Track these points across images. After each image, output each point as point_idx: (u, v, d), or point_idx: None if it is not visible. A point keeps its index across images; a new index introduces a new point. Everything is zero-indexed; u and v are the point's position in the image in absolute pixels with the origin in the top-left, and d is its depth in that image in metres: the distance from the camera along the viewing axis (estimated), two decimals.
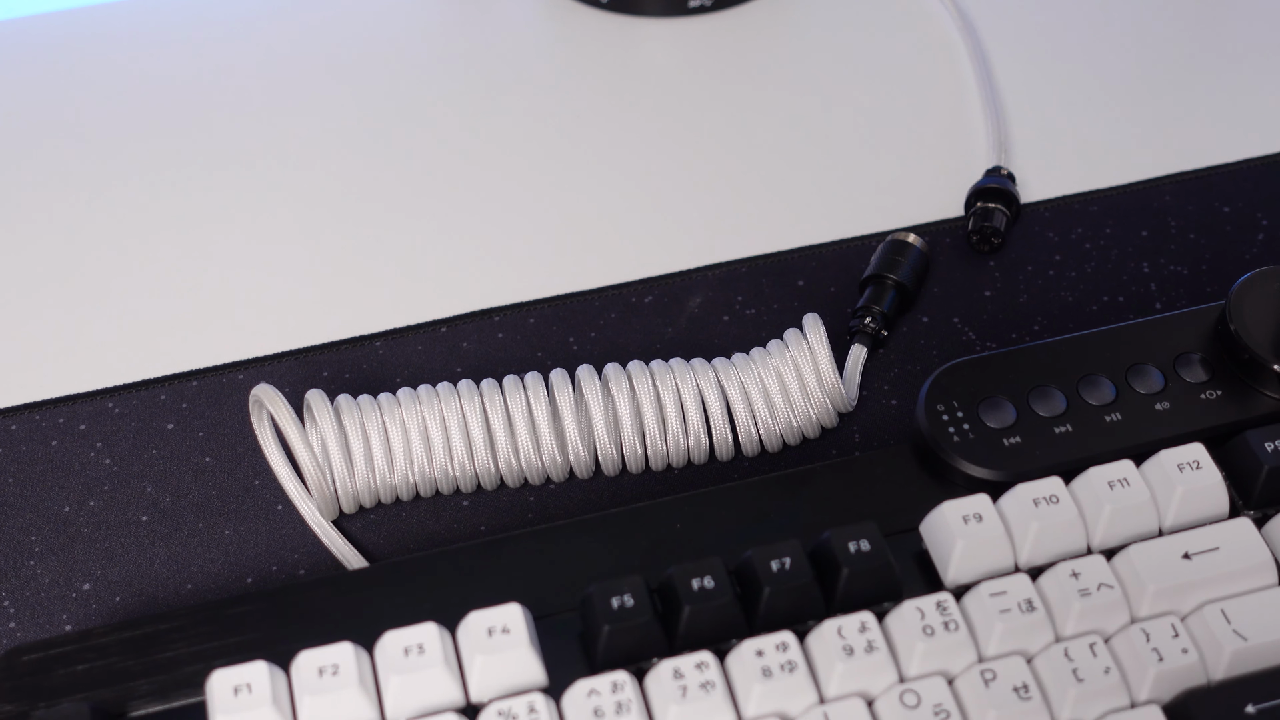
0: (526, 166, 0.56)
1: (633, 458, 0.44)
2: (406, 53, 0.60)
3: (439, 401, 0.44)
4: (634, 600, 0.37)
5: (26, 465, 0.46)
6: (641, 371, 0.44)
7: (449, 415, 0.43)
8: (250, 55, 0.60)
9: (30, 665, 0.38)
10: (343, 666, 0.36)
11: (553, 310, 0.50)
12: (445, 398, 0.44)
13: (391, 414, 0.44)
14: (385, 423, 0.43)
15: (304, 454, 0.42)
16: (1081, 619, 0.37)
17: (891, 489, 0.41)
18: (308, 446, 0.42)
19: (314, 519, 0.43)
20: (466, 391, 0.44)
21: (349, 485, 0.43)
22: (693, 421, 0.44)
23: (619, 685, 0.36)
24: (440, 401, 0.44)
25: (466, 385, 0.44)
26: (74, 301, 0.51)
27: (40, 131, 0.57)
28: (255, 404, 0.43)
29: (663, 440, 0.44)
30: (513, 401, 0.44)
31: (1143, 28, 0.61)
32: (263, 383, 0.44)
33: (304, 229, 0.54)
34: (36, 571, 0.44)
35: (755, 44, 0.61)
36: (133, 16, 0.62)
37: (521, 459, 0.44)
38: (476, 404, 0.44)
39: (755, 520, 0.41)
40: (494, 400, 0.44)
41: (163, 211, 0.54)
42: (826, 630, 0.37)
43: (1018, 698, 0.36)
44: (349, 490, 0.43)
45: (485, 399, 0.44)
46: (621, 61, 0.60)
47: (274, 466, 0.43)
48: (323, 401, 0.43)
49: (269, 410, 0.43)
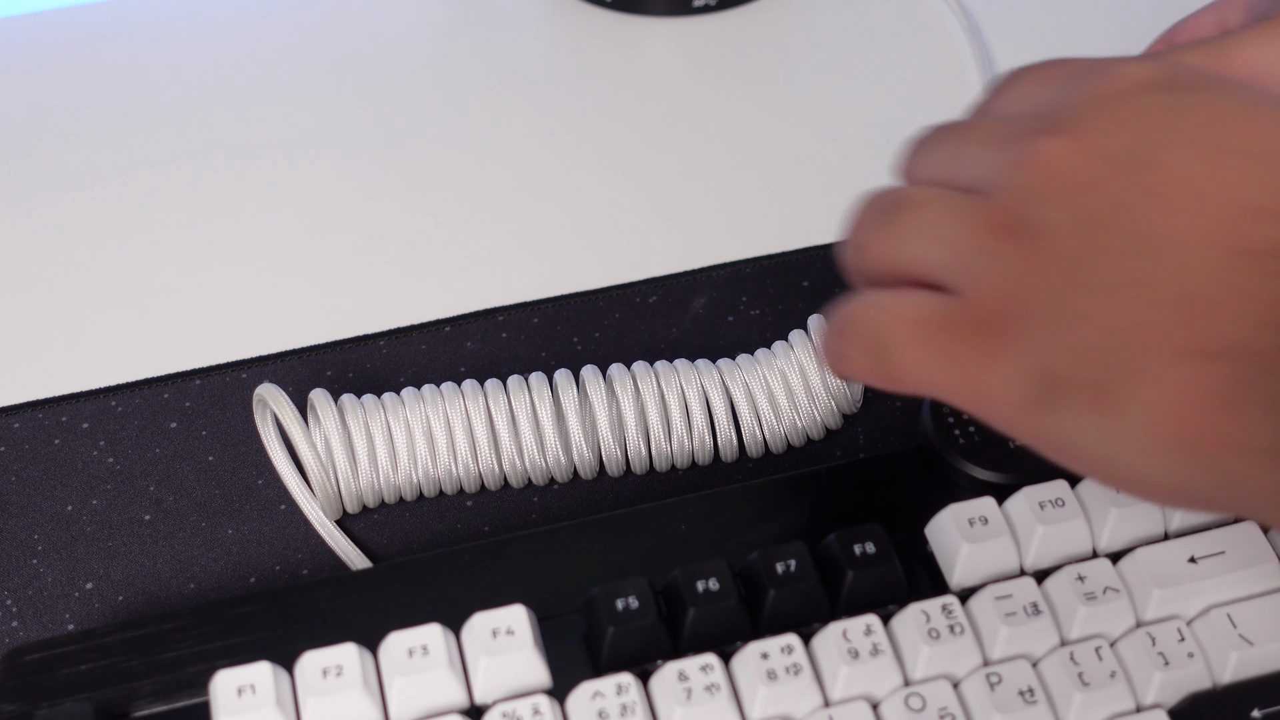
0: (531, 165, 0.56)
1: (637, 458, 0.44)
2: (412, 51, 0.60)
3: (443, 401, 0.44)
4: (639, 602, 0.37)
5: (29, 464, 0.46)
6: (646, 372, 0.44)
7: (453, 415, 0.43)
8: (257, 53, 0.60)
9: (33, 665, 0.38)
10: (347, 667, 0.36)
11: (557, 310, 0.50)
12: (449, 397, 0.44)
13: (395, 413, 0.43)
14: (389, 422, 0.43)
15: (308, 453, 0.42)
16: (1087, 622, 0.37)
17: (896, 491, 0.41)
18: (311, 446, 0.42)
19: (318, 519, 0.43)
20: (470, 391, 0.44)
21: (353, 485, 0.43)
22: (697, 422, 0.44)
23: (624, 687, 0.36)
24: (444, 401, 0.44)
25: (470, 385, 0.44)
26: (77, 300, 0.51)
27: (42, 129, 0.57)
28: (259, 404, 0.43)
29: (667, 441, 0.44)
30: (517, 401, 0.44)
31: (1146, 29, 0.61)
32: (266, 382, 0.44)
33: (308, 227, 0.54)
34: (39, 570, 0.44)
35: (760, 43, 0.61)
36: (135, 14, 0.62)
37: (525, 459, 0.44)
38: (481, 404, 0.44)
39: (760, 522, 0.41)
40: (498, 400, 0.44)
41: (166, 209, 0.54)
42: (831, 633, 0.37)
43: (1023, 701, 0.36)
44: (352, 490, 0.43)
45: (489, 399, 0.44)
46: (626, 61, 0.60)
47: (278, 466, 0.43)
48: (326, 401, 0.43)
49: (273, 410, 0.43)
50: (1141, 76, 0.31)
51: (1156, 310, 0.29)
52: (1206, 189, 0.29)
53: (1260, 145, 0.29)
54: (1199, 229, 0.29)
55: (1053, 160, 0.30)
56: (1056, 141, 0.31)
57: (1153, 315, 0.29)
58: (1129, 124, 0.30)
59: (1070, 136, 0.30)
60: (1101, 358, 0.29)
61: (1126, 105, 0.31)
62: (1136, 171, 0.30)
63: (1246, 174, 0.29)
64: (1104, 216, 0.30)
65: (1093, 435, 0.30)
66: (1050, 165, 0.30)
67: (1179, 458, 0.29)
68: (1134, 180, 0.30)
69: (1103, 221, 0.30)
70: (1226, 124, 0.29)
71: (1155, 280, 0.29)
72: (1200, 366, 0.28)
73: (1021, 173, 0.31)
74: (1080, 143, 0.30)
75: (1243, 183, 0.29)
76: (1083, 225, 0.30)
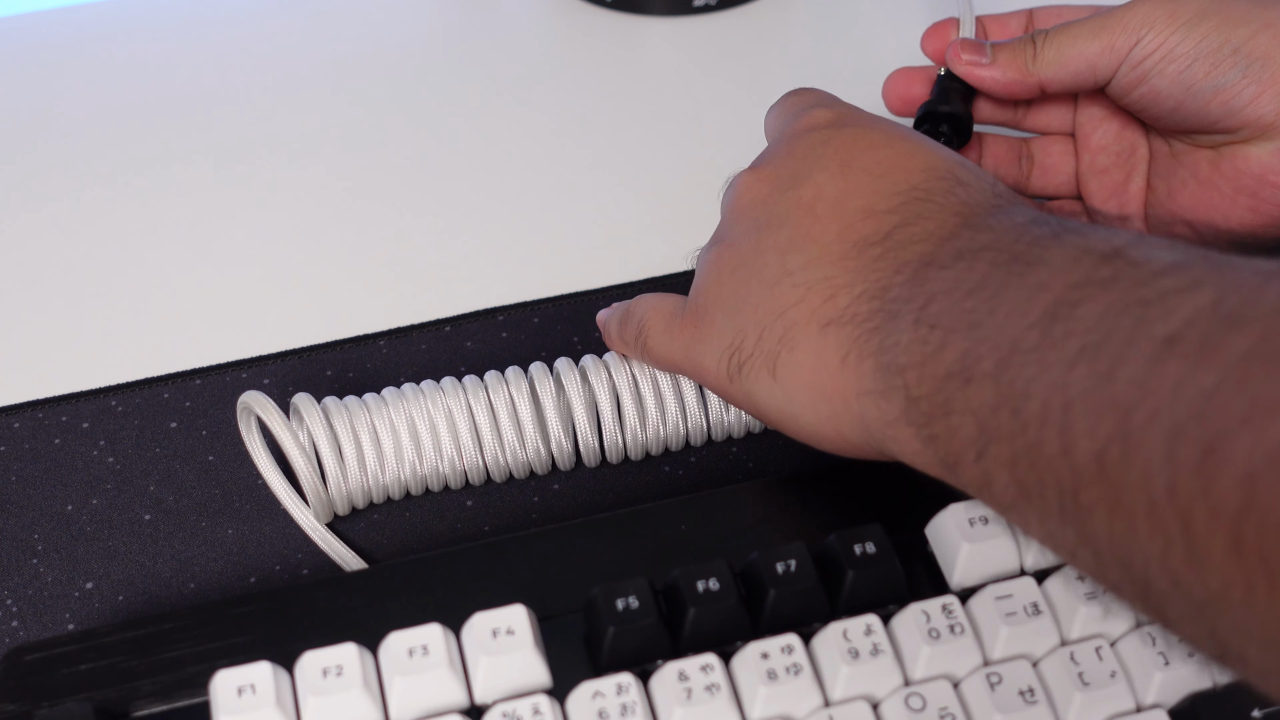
0: (531, 165, 0.56)
1: (613, 448, 0.44)
2: (412, 51, 0.60)
3: (424, 399, 0.43)
4: (639, 602, 0.37)
5: (29, 463, 0.46)
6: (619, 361, 0.44)
7: (435, 412, 0.43)
8: (257, 53, 0.60)
9: (33, 665, 0.38)
10: (347, 667, 0.36)
11: (556, 310, 0.50)
12: (430, 394, 0.44)
13: (379, 413, 0.43)
14: (374, 422, 0.43)
15: (297, 457, 0.42)
16: (1087, 623, 0.37)
17: (897, 492, 0.41)
18: (300, 449, 0.42)
19: (309, 524, 0.43)
20: (450, 388, 0.44)
21: (342, 487, 0.43)
22: (670, 409, 0.44)
23: (624, 687, 0.36)
24: (425, 398, 0.43)
25: (450, 381, 0.44)
26: (77, 300, 0.51)
27: (42, 128, 0.57)
28: (243, 411, 0.43)
29: (642, 430, 0.44)
30: (496, 396, 0.44)
31: None
32: (251, 390, 0.44)
33: (308, 228, 0.54)
34: (39, 570, 0.44)
35: (760, 43, 0.61)
36: (135, 14, 0.62)
37: (507, 453, 0.44)
38: (461, 400, 0.44)
39: (760, 522, 0.41)
40: (477, 395, 0.44)
41: (167, 209, 0.54)
42: (831, 633, 0.37)
43: (1023, 701, 0.36)
44: (343, 491, 0.43)
45: (469, 394, 0.44)
46: (626, 60, 0.60)
47: (264, 473, 0.43)
48: (310, 404, 0.43)
49: (258, 415, 0.43)
50: (818, 119, 0.41)
51: (802, 292, 0.37)
52: (840, 198, 0.38)
53: (877, 165, 0.38)
54: (834, 230, 0.38)
55: (742, 188, 0.41)
56: (747, 174, 0.41)
57: (799, 296, 0.37)
58: (794, 155, 0.40)
59: (755, 169, 0.41)
60: (768, 333, 0.38)
61: (797, 140, 0.41)
62: (794, 189, 0.39)
63: (865, 186, 0.38)
64: (770, 224, 0.39)
65: (771, 396, 0.38)
66: (739, 193, 0.41)
67: (826, 407, 0.37)
68: (792, 196, 0.39)
69: (769, 228, 0.39)
70: (858, 150, 0.39)
71: (801, 269, 0.38)
72: (829, 331, 0.36)
73: (726, 203, 0.42)
74: (760, 172, 0.41)
75: (861, 193, 0.38)
76: (755, 232, 0.39)
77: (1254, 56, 0.42)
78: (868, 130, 0.40)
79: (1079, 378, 0.30)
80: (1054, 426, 0.30)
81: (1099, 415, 0.29)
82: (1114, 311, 0.30)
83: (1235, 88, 0.43)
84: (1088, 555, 0.31)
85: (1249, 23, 0.43)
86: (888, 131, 0.40)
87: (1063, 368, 0.30)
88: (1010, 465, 0.31)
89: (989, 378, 0.32)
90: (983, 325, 0.33)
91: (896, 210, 0.37)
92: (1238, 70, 0.42)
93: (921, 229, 0.36)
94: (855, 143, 0.39)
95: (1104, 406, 0.29)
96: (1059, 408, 0.30)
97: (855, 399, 0.36)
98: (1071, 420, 0.30)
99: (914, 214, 0.37)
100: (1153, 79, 0.44)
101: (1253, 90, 0.43)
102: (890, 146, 0.39)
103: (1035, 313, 0.32)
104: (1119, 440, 0.29)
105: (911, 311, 0.34)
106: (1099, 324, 0.30)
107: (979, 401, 0.32)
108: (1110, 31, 0.44)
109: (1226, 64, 0.42)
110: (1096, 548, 0.30)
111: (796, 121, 0.42)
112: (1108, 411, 0.29)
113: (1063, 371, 0.30)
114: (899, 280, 0.35)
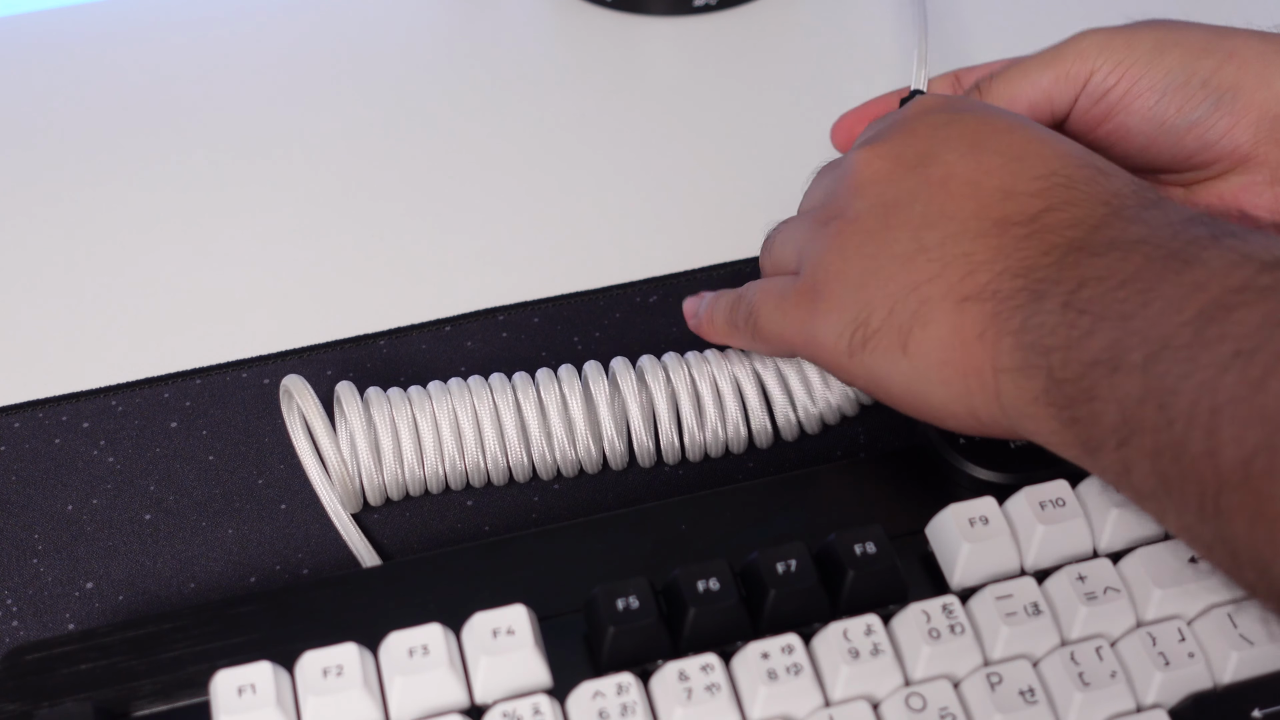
0: (531, 165, 0.56)
1: (669, 448, 0.44)
2: (412, 51, 0.60)
3: (470, 395, 0.43)
4: (639, 602, 0.37)
5: (30, 463, 0.46)
6: (677, 362, 0.44)
7: (481, 408, 0.43)
8: (257, 53, 0.60)
9: (33, 664, 0.38)
10: (347, 667, 0.36)
11: (557, 310, 0.50)
12: (477, 390, 0.44)
13: (422, 407, 0.43)
14: (415, 416, 0.43)
15: (329, 446, 0.42)
16: (1087, 623, 0.37)
17: (897, 491, 0.41)
18: (333, 438, 0.42)
19: (334, 510, 0.43)
20: (499, 385, 0.44)
21: (375, 478, 0.43)
22: (730, 409, 0.44)
23: (624, 687, 0.36)
24: (472, 395, 0.43)
25: (499, 378, 0.44)
26: (77, 299, 0.51)
27: (42, 129, 0.57)
28: (285, 395, 0.43)
29: (700, 430, 0.44)
30: (546, 393, 0.44)
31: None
32: (292, 374, 0.44)
33: (308, 227, 0.54)
34: (39, 570, 0.44)
35: (760, 43, 0.61)
36: (135, 14, 0.62)
37: (556, 450, 0.44)
38: (509, 397, 0.44)
39: (760, 522, 0.41)
40: (527, 392, 0.44)
41: (167, 209, 0.54)
42: (832, 633, 0.37)
43: (1023, 701, 0.36)
44: (375, 483, 0.43)
45: (518, 391, 0.44)
46: (626, 60, 0.60)
47: (302, 457, 0.43)
48: (352, 394, 0.43)
49: (298, 402, 0.43)
50: (926, 103, 0.42)
51: (939, 267, 0.37)
52: (975, 178, 0.38)
53: (1010, 148, 0.38)
54: (970, 207, 0.38)
55: (860, 165, 0.40)
56: (863, 151, 0.41)
57: (935, 271, 0.37)
58: (916, 135, 0.40)
59: (872, 147, 0.41)
60: (900, 307, 0.37)
61: (916, 121, 0.41)
62: (923, 168, 0.39)
63: (1001, 167, 0.38)
64: (899, 201, 0.39)
65: (898, 372, 0.38)
66: (858, 169, 0.40)
67: (960, 384, 0.37)
68: (921, 174, 0.39)
69: (898, 205, 0.39)
70: (987, 133, 0.39)
71: (937, 245, 0.37)
72: (966, 307, 0.36)
73: (841, 181, 0.41)
74: (878, 149, 0.40)
75: (999, 173, 0.38)
76: (883, 209, 0.39)
77: (1224, 88, 0.42)
78: (992, 114, 0.40)
79: (1230, 383, 0.30)
80: (1201, 428, 0.30)
81: (1247, 423, 0.29)
82: (1272, 321, 0.30)
83: (1208, 121, 0.42)
84: (1224, 554, 0.31)
85: (1212, 53, 0.42)
86: (1010, 117, 0.40)
87: (1214, 370, 0.30)
88: (1153, 457, 0.32)
89: (1137, 369, 0.32)
90: (1134, 317, 0.33)
91: (1041, 194, 0.37)
92: (1209, 103, 0.42)
93: (1070, 215, 0.36)
94: (982, 125, 0.39)
95: (1253, 416, 0.29)
96: (1207, 410, 0.30)
97: (992, 376, 0.36)
98: (1219, 424, 0.30)
99: (1060, 200, 0.37)
100: (1119, 115, 0.43)
101: (1227, 122, 0.42)
102: (1020, 131, 0.39)
103: (1189, 311, 0.32)
104: (1266, 452, 0.29)
105: (1060, 294, 0.34)
106: (1255, 332, 0.30)
107: (1124, 391, 0.32)
108: (1063, 59, 0.44)
109: (1196, 98, 0.42)
110: (1234, 548, 0.30)
111: (902, 110, 0.42)
112: (1256, 422, 0.29)
113: (1214, 374, 0.30)
114: (1046, 261, 0.35)
